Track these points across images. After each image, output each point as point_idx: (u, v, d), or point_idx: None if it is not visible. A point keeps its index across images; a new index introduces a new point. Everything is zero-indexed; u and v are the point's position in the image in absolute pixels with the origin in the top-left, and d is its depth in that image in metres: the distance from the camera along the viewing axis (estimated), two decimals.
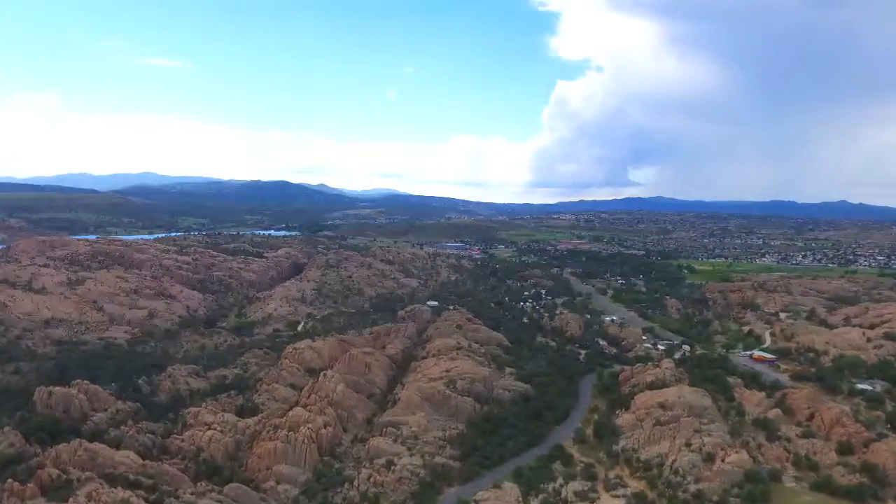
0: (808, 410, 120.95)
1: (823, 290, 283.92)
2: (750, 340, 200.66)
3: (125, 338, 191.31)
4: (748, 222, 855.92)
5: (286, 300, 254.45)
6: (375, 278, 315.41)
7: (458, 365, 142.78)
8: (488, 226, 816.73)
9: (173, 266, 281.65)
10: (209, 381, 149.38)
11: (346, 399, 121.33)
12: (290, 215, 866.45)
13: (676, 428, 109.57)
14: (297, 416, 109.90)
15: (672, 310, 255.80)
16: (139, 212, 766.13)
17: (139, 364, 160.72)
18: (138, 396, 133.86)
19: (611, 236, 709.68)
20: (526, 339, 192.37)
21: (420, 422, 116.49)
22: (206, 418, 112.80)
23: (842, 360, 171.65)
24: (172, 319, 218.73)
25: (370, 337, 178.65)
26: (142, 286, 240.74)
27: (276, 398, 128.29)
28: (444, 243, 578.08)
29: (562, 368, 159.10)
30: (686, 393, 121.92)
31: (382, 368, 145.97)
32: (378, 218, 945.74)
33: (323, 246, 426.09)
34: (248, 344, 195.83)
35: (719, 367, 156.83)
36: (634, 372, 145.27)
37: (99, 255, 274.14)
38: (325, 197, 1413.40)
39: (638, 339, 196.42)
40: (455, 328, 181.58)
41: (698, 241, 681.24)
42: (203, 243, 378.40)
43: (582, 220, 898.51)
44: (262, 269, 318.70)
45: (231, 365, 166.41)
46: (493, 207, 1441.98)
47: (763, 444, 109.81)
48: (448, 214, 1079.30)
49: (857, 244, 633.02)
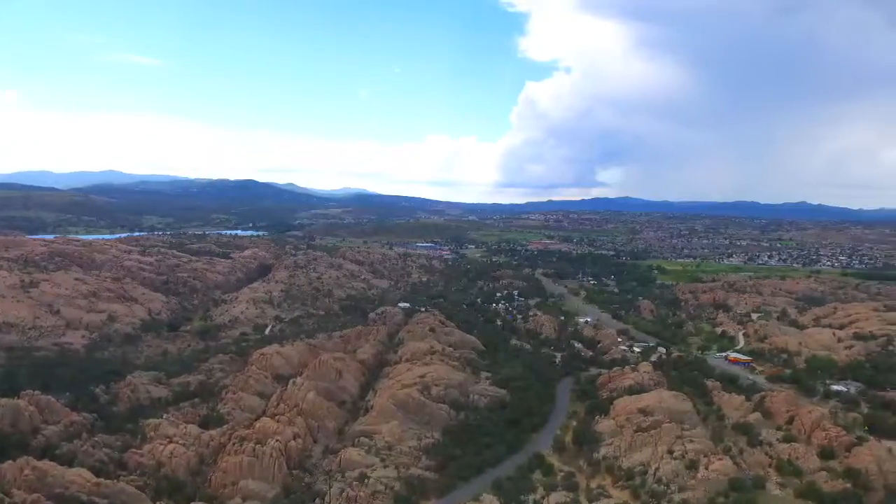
0: (788, 414, 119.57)
1: (792, 291, 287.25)
2: (724, 342, 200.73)
3: (82, 343, 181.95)
4: (714, 222, 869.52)
5: (253, 302, 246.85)
6: (345, 279, 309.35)
7: (432, 370, 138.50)
8: (458, 226, 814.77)
9: (135, 267, 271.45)
10: (171, 389, 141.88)
11: (316, 408, 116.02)
12: (258, 215, 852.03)
13: (658, 434, 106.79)
14: (265, 427, 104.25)
15: (645, 311, 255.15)
16: (101, 211, 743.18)
17: (97, 371, 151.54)
18: (95, 407, 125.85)
19: (580, 236, 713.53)
20: (500, 342, 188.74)
21: (394, 431, 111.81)
22: (168, 430, 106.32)
23: (815, 361, 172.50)
24: (133, 323, 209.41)
25: (340, 341, 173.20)
26: (101, 288, 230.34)
27: (243, 407, 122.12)
28: (415, 243, 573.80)
29: (538, 372, 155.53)
30: (666, 398, 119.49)
31: (354, 374, 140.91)
32: (347, 218, 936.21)
33: (291, 246, 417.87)
34: (213, 349, 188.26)
35: (696, 369, 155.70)
36: (612, 376, 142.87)
37: (56, 256, 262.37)
38: (293, 196, 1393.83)
39: (613, 341, 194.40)
40: (428, 331, 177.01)
41: (667, 241, 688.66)
42: (167, 243, 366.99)
43: (551, 220, 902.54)
44: (228, 270, 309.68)
45: (195, 371, 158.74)
46: (462, 207, 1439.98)
47: (745, 450, 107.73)
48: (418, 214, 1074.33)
49: (820, 244, 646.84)
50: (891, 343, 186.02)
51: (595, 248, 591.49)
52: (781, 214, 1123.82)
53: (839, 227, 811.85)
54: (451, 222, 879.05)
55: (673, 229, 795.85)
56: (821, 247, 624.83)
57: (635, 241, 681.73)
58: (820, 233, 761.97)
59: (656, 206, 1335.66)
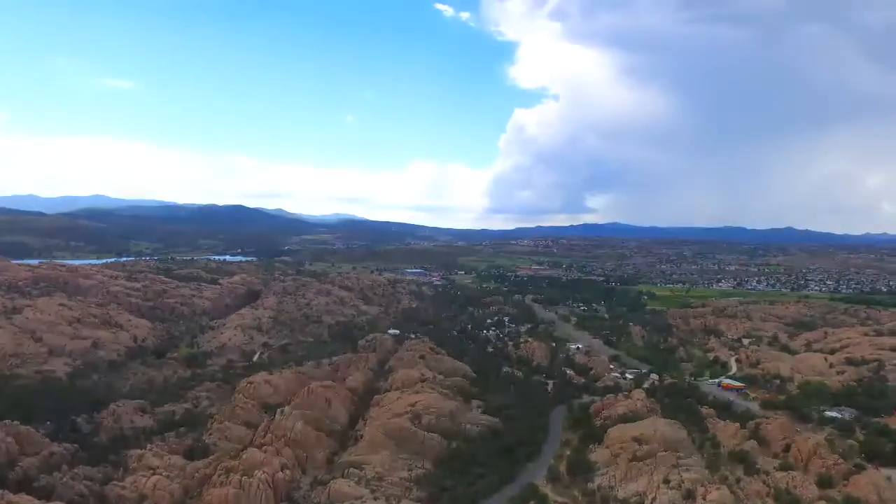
0: (784, 441, 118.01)
1: (782, 316, 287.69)
2: (716, 368, 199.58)
3: (65, 371, 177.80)
4: (702, 247, 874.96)
5: (241, 329, 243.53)
6: (334, 306, 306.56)
7: (422, 398, 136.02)
8: (448, 251, 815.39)
9: (121, 293, 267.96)
10: (156, 419, 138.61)
11: (305, 438, 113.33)
12: (247, 240, 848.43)
13: (653, 463, 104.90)
14: (252, 457, 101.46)
15: (637, 337, 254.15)
16: (89, 235, 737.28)
17: (79, 400, 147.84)
18: (76, 437, 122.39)
19: (570, 262, 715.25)
20: (491, 370, 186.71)
21: (384, 461, 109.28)
22: (151, 462, 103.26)
23: (807, 386, 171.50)
24: (118, 350, 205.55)
25: (330, 369, 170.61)
26: (86, 314, 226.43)
27: (229, 437, 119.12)
28: (405, 269, 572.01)
29: (530, 400, 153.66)
30: (661, 426, 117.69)
31: (343, 403, 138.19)
32: (336, 243, 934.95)
33: (280, 272, 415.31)
34: (200, 376, 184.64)
35: (689, 396, 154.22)
36: (605, 403, 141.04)
37: (41, 282, 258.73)
38: (282, 222, 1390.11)
39: (605, 368, 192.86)
40: (418, 358, 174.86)
41: (656, 266, 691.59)
42: (154, 269, 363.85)
43: (541, 245, 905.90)
44: (216, 295, 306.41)
45: (181, 400, 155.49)
46: (452, 233, 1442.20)
47: (742, 479, 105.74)
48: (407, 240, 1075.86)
49: (807, 269, 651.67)
50: (882, 368, 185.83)
51: (585, 274, 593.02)
52: (768, 239, 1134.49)
53: (825, 252, 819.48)
54: (441, 248, 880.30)
55: (661, 254, 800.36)
56: (808, 272, 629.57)
57: (624, 267, 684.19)
58: (807, 258, 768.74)
59: (644, 232, 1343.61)
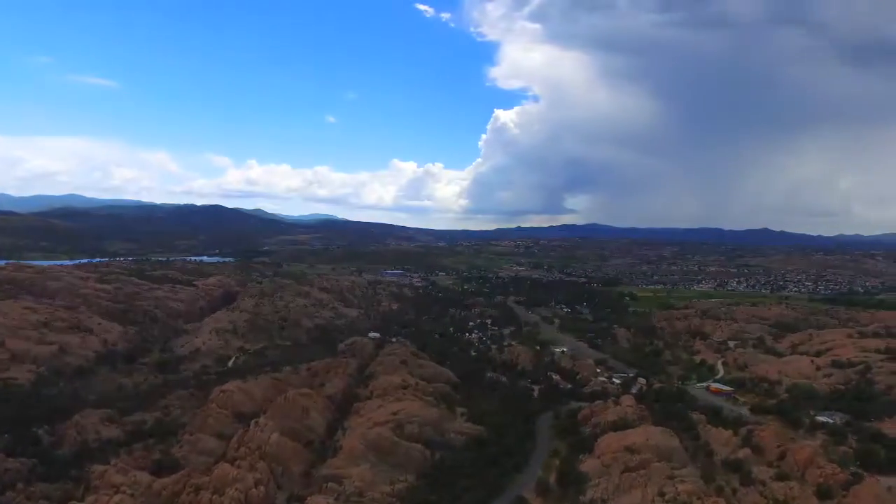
0: (779, 449, 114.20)
1: (766, 317, 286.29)
2: (703, 371, 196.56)
3: (29, 378, 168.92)
4: (682, 248, 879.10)
5: (216, 332, 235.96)
6: (313, 308, 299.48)
7: (405, 406, 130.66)
8: (428, 252, 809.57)
9: (92, 295, 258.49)
10: (124, 429, 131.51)
11: (280, 450, 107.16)
12: (224, 241, 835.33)
13: (647, 475, 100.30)
14: (224, 473, 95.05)
15: (622, 339, 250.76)
16: (61, 236, 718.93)
17: (42, 409, 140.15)
18: (36, 450, 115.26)
19: (550, 263, 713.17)
20: (475, 375, 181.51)
21: (364, 475, 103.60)
22: (115, 479, 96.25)
23: (796, 389, 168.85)
24: (87, 355, 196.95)
25: (307, 374, 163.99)
26: (53, 318, 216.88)
27: (200, 451, 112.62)
28: (385, 270, 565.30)
29: (516, 407, 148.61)
30: (653, 434, 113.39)
31: (321, 412, 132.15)
32: (316, 244, 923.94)
33: (258, 273, 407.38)
34: (173, 382, 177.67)
35: (679, 401, 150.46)
36: (594, 410, 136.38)
37: (5, 284, 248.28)
38: (261, 222, 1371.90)
39: (592, 372, 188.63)
40: (400, 363, 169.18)
41: (636, 267, 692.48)
42: (127, 270, 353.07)
43: (522, 246, 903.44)
44: (191, 298, 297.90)
45: (151, 408, 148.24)
46: (432, 234, 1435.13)
47: (738, 489, 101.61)
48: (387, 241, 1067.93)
49: (785, 270, 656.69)
50: (869, 371, 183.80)
51: (566, 275, 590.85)
52: (745, 240, 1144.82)
53: (802, 254, 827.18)
54: (421, 249, 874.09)
55: (642, 255, 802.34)
56: (787, 272, 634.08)
57: (605, 268, 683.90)
58: (785, 259, 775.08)
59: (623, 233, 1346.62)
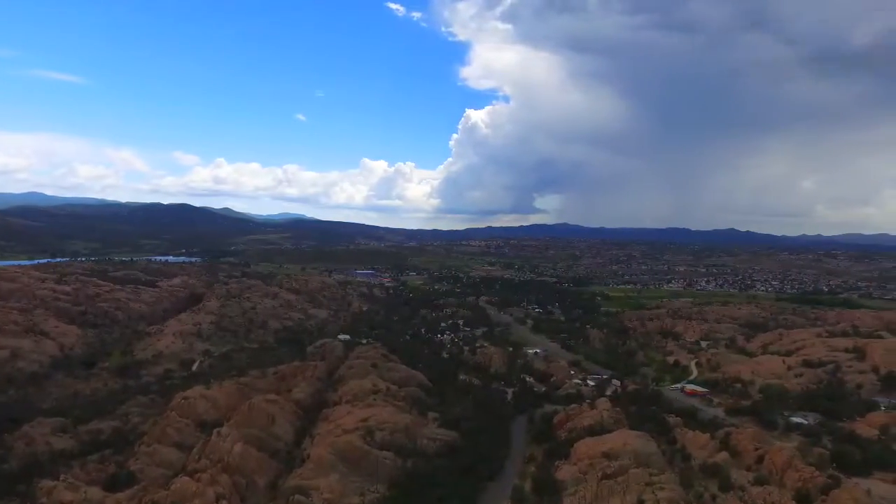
0: (757, 452, 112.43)
1: (736, 317, 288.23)
2: (677, 372, 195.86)
3: None
4: (651, 248, 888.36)
5: (180, 335, 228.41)
6: (281, 309, 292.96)
7: (375, 412, 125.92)
8: (399, 252, 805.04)
9: (49, 297, 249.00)
10: (78, 439, 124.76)
11: (244, 462, 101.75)
12: (191, 240, 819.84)
13: (625, 482, 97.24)
14: (183, 488, 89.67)
15: (595, 340, 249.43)
16: (19, 235, 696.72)
17: None
18: None
19: (521, 263, 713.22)
20: (448, 377, 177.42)
21: (333, 486, 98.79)
22: (64, 496, 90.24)
23: (769, 390, 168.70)
24: (41, 361, 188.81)
25: (275, 379, 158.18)
26: (6, 321, 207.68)
27: (158, 463, 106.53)
28: (355, 270, 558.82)
29: (489, 411, 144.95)
30: (631, 439, 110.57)
31: (288, 418, 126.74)
32: (285, 244, 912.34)
33: (224, 273, 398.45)
34: (133, 388, 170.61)
35: (654, 403, 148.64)
36: (570, 414, 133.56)
37: None
38: (229, 221, 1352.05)
39: (566, 374, 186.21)
40: (370, 367, 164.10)
41: (607, 267, 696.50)
42: (88, 270, 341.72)
43: (492, 246, 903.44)
44: (154, 299, 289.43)
45: (109, 416, 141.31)
46: (403, 233, 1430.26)
47: (717, 496, 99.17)
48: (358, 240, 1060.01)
49: (752, 269, 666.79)
50: (839, 370, 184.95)
51: (537, 275, 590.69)
52: (712, 240, 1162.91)
53: (768, 254, 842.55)
54: (392, 248, 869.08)
55: (612, 255, 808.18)
56: (754, 272, 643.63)
57: (576, 268, 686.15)
58: (751, 258, 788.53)
59: (592, 233, 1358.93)
